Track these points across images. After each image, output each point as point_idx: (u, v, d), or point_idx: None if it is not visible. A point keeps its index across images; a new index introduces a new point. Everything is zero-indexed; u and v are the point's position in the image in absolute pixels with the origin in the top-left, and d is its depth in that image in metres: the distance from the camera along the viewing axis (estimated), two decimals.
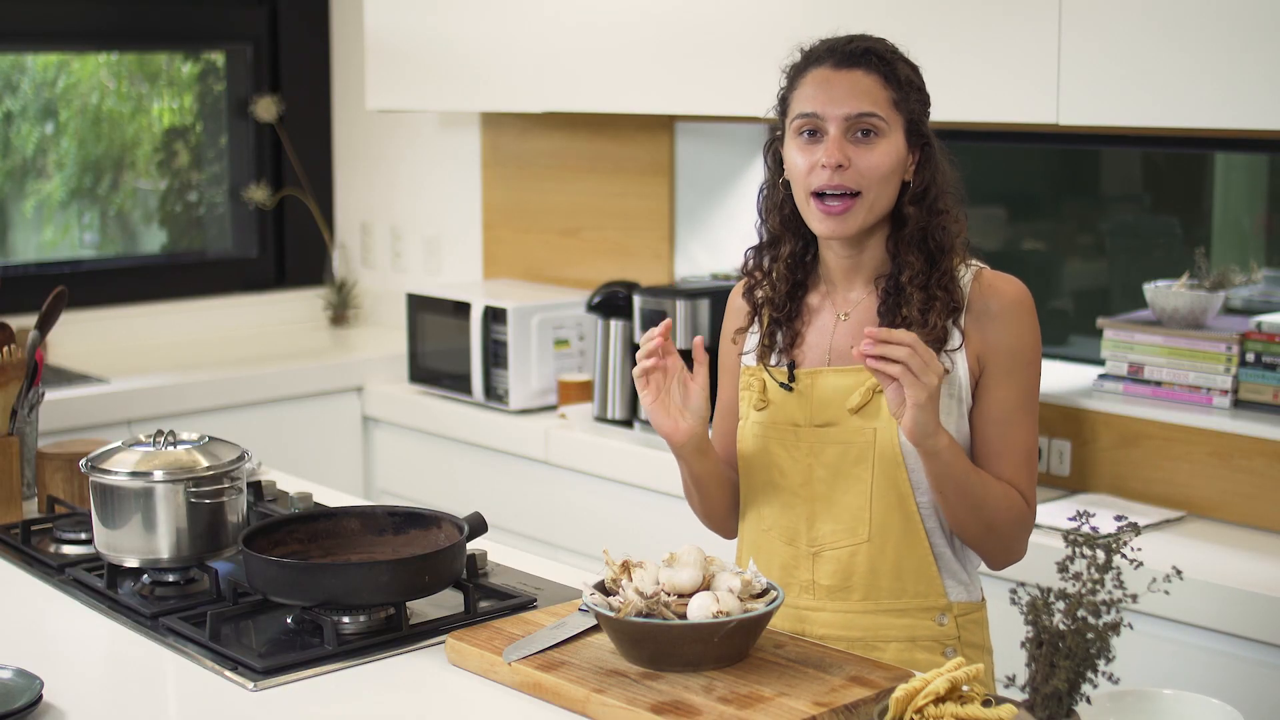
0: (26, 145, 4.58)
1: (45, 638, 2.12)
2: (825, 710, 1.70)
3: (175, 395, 3.99)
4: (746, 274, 2.18)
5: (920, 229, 2.05)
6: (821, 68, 2.04)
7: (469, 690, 1.88)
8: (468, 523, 2.16)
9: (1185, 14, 2.65)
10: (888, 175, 2.02)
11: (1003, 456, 2.06)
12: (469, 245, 4.60)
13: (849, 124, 2.00)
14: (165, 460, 2.19)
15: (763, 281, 2.15)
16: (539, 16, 3.78)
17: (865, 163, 2.00)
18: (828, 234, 2.04)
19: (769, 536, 2.13)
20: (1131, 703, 1.70)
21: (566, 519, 3.70)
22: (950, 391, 2.04)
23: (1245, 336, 2.97)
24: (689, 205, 4.02)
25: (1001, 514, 2.03)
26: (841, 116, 2.00)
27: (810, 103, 2.03)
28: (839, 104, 2.01)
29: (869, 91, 2.01)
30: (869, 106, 2.00)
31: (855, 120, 2.00)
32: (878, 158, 2.01)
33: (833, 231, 2.03)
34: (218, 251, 4.98)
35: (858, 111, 2.00)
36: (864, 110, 2.00)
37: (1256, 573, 2.62)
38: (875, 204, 2.03)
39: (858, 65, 2.02)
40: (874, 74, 2.02)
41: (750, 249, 2.19)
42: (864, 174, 2.00)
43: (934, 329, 2.02)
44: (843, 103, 2.00)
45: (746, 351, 2.18)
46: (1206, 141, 3.27)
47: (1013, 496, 2.04)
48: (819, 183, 2.01)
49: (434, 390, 4.13)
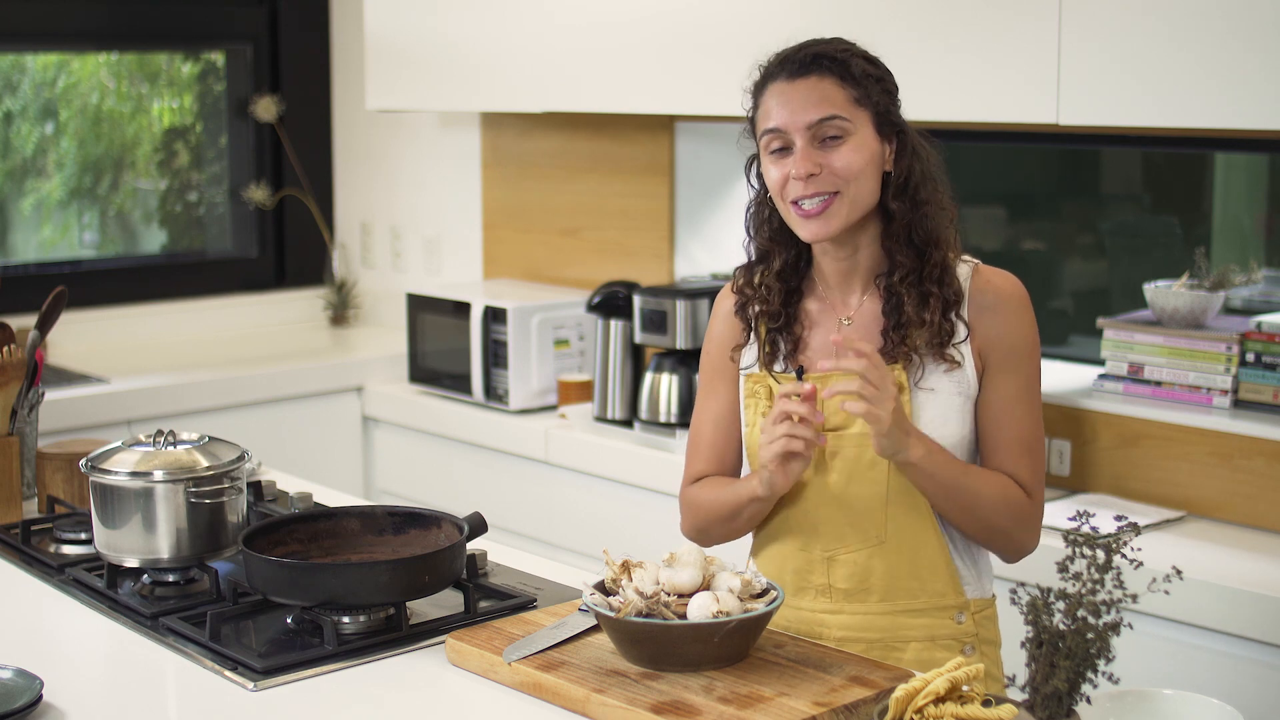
0: (26, 145, 4.58)
1: (45, 638, 2.11)
2: (825, 710, 1.70)
3: (175, 395, 3.99)
4: (737, 291, 2.18)
5: (905, 224, 2.05)
6: (777, 81, 2.05)
7: (469, 690, 1.88)
8: (468, 523, 2.16)
9: (1185, 14, 2.65)
10: (862, 171, 2.02)
11: (1004, 449, 2.07)
12: (469, 245, 4.60)
13: (813, 132, 2.01)
14: (165, 460, 2.19)
15: (754, 297, 2.15)
16: (539, 16, 3.78)
17: (837, 164, 2.01)
18: (813, 236, 2.04)
19: (782, 541, 2.13)
20: (1131, 703, 1.70)
21: (566, 519, 3.70)
22: (960, 389, 2.04)
23: (1245, 336, 2.97)
24: (689, 205, 4.02)
25: (999, 512, 2.03)
26: (804, 126, 2.01)
27: (772, 118, 2.04)
28: (799, 114, 2.01)
29: (827, 95, 2.01)
30: (829, 110, 2.01)
31: (818, 126, 2.01)
32: (847, 156, 2.01)
33: (817, 233, 2.03)
34: (218, 251, 4.98)
35: (818, 118, 2.01)
36: (824, 115, 2.01)
37: (1256, 573, 2.61)
38: (857, 199, 2.03)
39: (811, 72, 2.03)
40: (829, 77, 2.02)
41: (739, 267, 2.19)
42: (838, 174, 2.01)
43: (934, 325, 2.02)
44: (802, 112, 2.01)
45: (746, 366, 2.17)
46: (1206, 141, 3.27)
47: (1010, 493, 2.04)
48: (795, 194, 2.02)
49: (434, 390, 4.13)
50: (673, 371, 3.55)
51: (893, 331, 2.05)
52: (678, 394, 3.54)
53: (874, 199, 2.05)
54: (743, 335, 2.17)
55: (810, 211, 2.02)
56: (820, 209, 2.01)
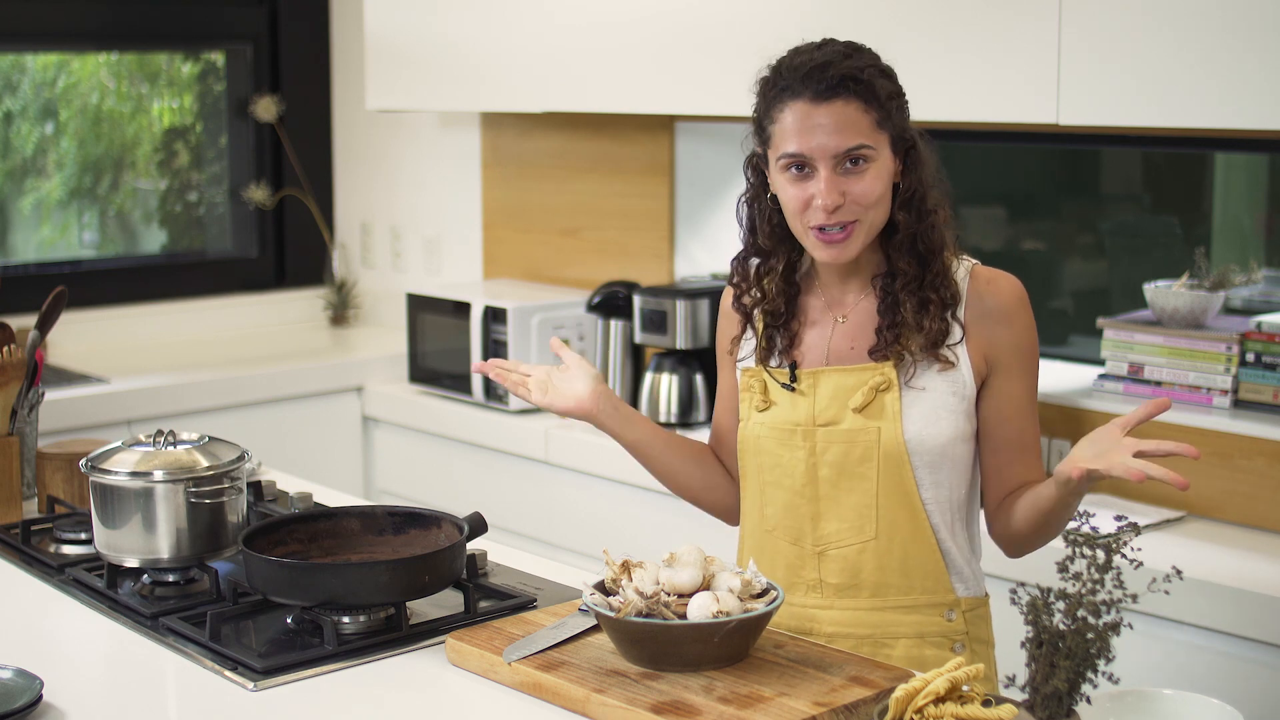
0: (26, 145, 4.58)
1: (45, 638, 2.11)
2: (825, 710, 1.70)
3: (175, 395, 3.99)
4: (732, 284, 2.18)
5: (910, 234, 2.05)
6: (800, 101, 1.99)
7: (469, 690, 1.88)
8: (468, 523, 2.16)
9: (1185, 14, 2.65)
10: (881, 197, 2.02)
11: (1027, 451, 2.08)
12: (469, 245, 4.60)
13: (837, 160, 1.99)
14: (165, 460, 2.19)
15: (751, 290, 2.15)
16: (539, 16, 3.78)
17: (859, 190, 1.99)
18: (833, 260, 2.05)
19: (773, 537, 2.13)
20: (1131, 703, 1.70)
21: (566, 519, 3.70)
22: (954, 389, 2.05)
23: (1245, 336, 2.97)
24: (689, 205, 4.02)
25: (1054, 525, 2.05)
26: (830, 156, 1.98)
27: (795, 142, 1.99)
28: (826, 143, 1.98)
29: (854, 123, 1.98)
30: (855, 140, 1.98)
31: (844, 155, 1.99)
32: (869, 184, 2.00)
33: (837, 259, 2.04)
34: (218, 251, 4.98)
35: (846, 148, 1.98)
36: (851, 145, 1.98)
37: (1256, 573, 2.61)
38: (874, 224, 2.04)
39: (837, 95, 1.98)
40: (854, 101, 1.98)
41: (735, 259, 2.18)
42: (859, 202, 2.00)
43: (929, 331, 2.03)
44: (829, 141, 1.98)
45: (743, 358, 2.18)
46: (1206, 141, 3.27)
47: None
48: (817, 221, 2.01)
49: (434, 390, 4.13)
50: (673, 371, 3.55)
51: (886, 330, 2.06)
52: (678, 394, 3.54)
53: (886, 217, 2.05)
54: (739, 326, 2.18)
55: (832, 239, 2.02)
56: (842, 238, 2.01)
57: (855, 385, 2.06)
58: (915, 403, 2.04)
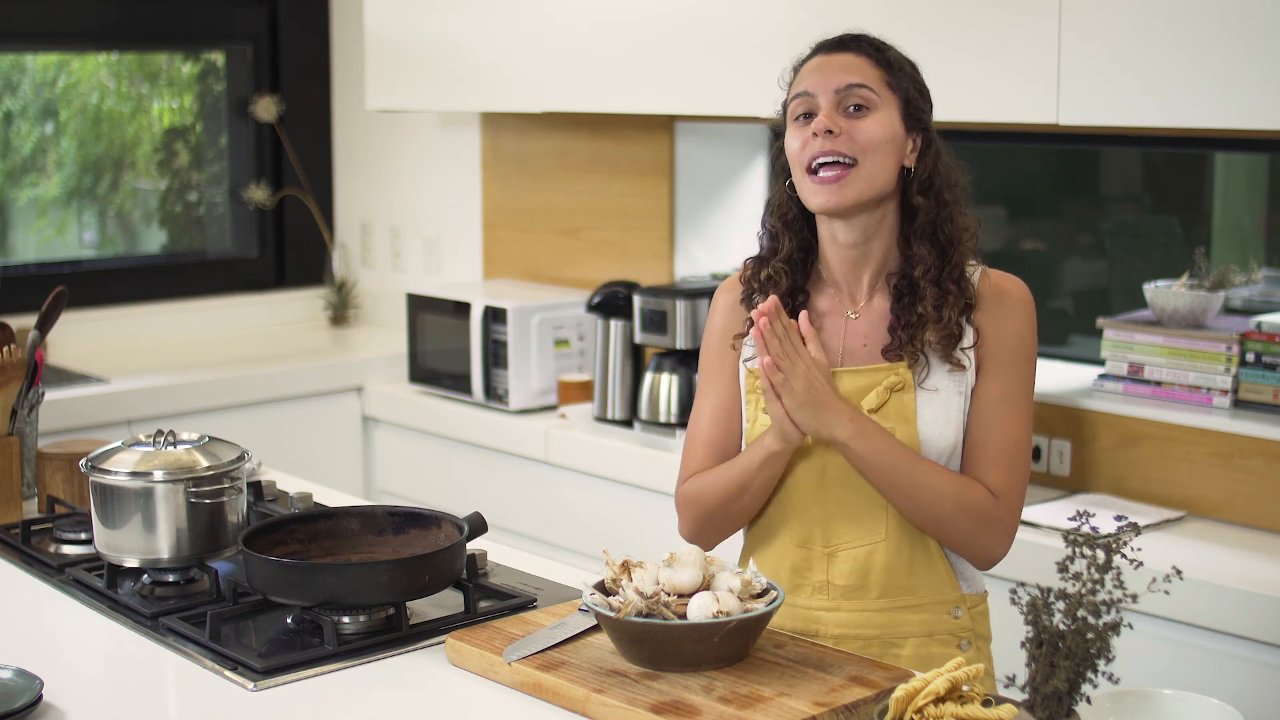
0: (26, 145, 4.58)
1: (45, 638, 2.11)
2: (825, 710, 1.70)
3: (175, 395, 3.99)
4: (744, 282, 2.17)
5: (930, 220, 2.05)
6: (815, 57, 2.09)
7: (469, 690, 1.88)
8: (468, 523, 2.16)
9: (1185, 14, 2.65)
10: (882, 145, 2.02)
11: (981, 450, 2.05)
12: (469, 245, 4.60)
13: (840, 97, 2.03)
14: (165, 460, 2.19)
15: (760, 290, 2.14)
16: (539, 16, 3.78)
17: (858, 131, 2.02)
18: (823, 205, 2.03)
19: (779, 539, 2.12)
20: (1131, 703, 1.70)
21: (566, 519, 3.70)
22: (961, 390, 2.04)
23: (1245, 336, 2.97)
24: (689, 205, 4.02)
25: (948, 508, 2.00)
26: (831, 90, 2.04)
27: (803, 84, 2.07)
28: (829, 79, 2.04)
29: (859, 68, 2.05)
30: (858, 78, 2.04)
31: (845, 92, 2.03)
32: (870, 128, 2.02)
33: (828, 202, 2.02)
34: (218, 251, 4.98)
35: (847, 83, 2.03)
36: (853, 81, 2.03)
37: (1256, 573, 2.62)
38: (872, 175, 2.02)
39: (848, 49, 2.08)
40: (864, 55, 2.07)
41: (749, 258, 2.19)
42: (857, 141, 2.02)
43: (948, 324, 2.02)
44: (833, 78, 2.04)
45: (748, 359, 2.15)
46: (1206, 141, 3.27)
47: (970, 492, 2.01)
48: (813, 152, 2.02)
49: (434, 390, 4.13)
50: (673, 371, 3.55)
51: (901, 329, 2.05)
52: (678, 394, 3.54)
53: (889, 185, 2.05)
54: (745, 325, 2.16)
55: (825, 179, 2.02)
56: (835, 178, 2.01)
57: (869, 385, 2.05)
58: (928, 404, 2.04)
